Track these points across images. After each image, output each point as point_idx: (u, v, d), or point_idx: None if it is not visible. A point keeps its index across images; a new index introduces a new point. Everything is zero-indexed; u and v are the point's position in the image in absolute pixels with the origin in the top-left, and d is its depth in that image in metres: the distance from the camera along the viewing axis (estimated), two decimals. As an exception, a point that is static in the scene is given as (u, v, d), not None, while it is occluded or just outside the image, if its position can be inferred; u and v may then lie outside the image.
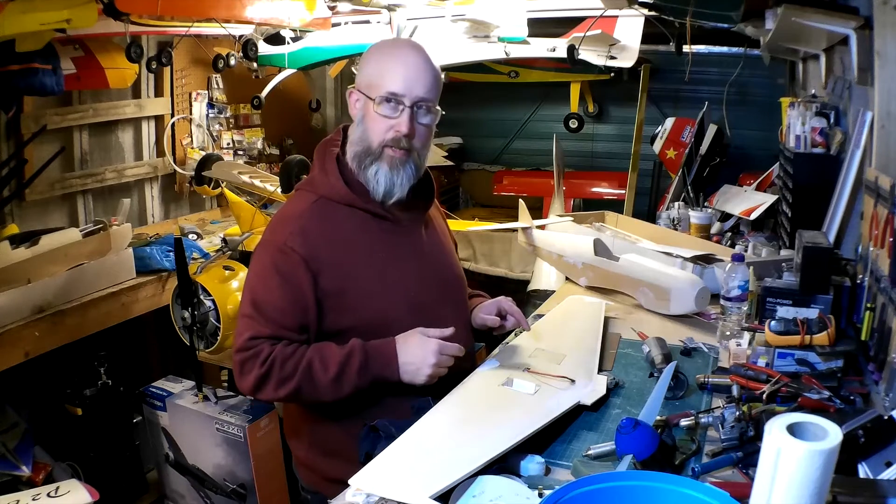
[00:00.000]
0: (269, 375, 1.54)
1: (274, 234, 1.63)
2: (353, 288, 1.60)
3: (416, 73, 1.58)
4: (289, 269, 1.57)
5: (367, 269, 1.62)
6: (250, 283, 1.64)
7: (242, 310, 1.62)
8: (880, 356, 1.56)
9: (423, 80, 1.59)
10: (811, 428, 0.84)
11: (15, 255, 2.65)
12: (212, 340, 2.62)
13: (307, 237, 1.58)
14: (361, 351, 1.55)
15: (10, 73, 2.82)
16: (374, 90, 1.58)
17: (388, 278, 1.64)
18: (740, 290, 1.95)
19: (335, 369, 1.54)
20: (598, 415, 1.53)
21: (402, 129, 1.57)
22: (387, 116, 1.58)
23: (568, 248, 2.58)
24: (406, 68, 1.58)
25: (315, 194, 1.65)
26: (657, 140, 3.96)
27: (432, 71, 1.62)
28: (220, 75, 4.33)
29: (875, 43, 1.89)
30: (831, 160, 2.37)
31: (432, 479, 1.20)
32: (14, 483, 2.49)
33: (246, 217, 3.25)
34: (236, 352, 1.58)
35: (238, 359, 1.57)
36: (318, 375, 1.54)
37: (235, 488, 2.70)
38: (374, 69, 1.61)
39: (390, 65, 1.59)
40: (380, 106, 1.57)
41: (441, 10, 3.80)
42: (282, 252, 1.57)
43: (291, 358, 1.55)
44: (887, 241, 1.57)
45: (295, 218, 1.63)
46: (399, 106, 1.58)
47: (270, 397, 1.59)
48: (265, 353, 1.54)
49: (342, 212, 1.63)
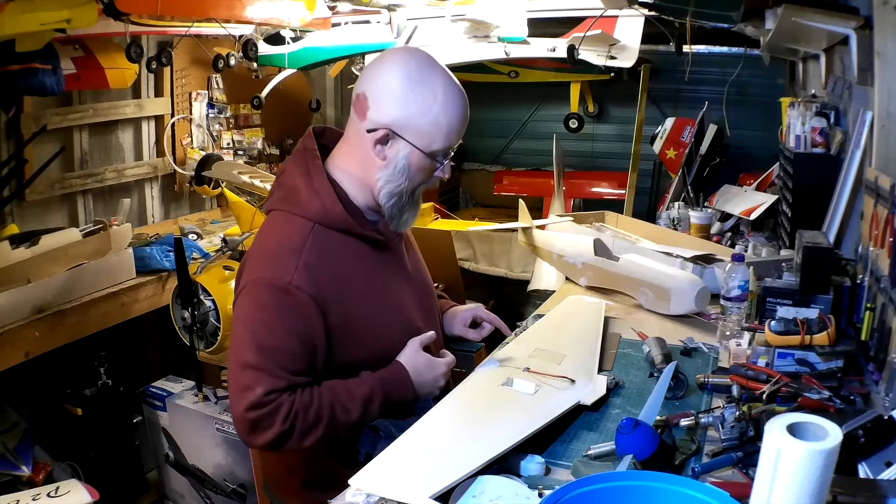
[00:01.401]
0: (292, 431, 1.42)
1: (271, 270, 1.45)
2: (356, 320, 1.52)
3: (465, 123, 1.52)
4: (296, 310, 1.43)
5: (368, 300, 1.55)
6: (249, 326, 1.45)
7: (242, 357, 1.43)
8: (880, 356, 1.56)
9: (466, 125, 1.53)
10: (811, 428, 0.84)
11: (15, 255, 2.65)
12: (212, 340, 2.62)
13: (311, 273, 1.45)
14: (380, 388, 1.50)
15: (10, 73, 2.82)
16: (430, 143, 1.47)
17: (386, 306, 1.59)
18: (740, 290, 1.94)
19: (358, 412, 1.48)
20: (598, 415, 1.53)
21: (447, 177, 1.57)
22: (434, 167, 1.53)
23: (568, 248, 2.58)
24: (463, 120, 1.51)
25: (308, 220, 1.50)
26: (657, 140, 3.96)
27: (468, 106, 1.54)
28: (220, 75, 4.32)
29: (875, 43, 1.89)
30: (831, 160, 2.37)
31: (432, 479, 1.20)
32: (14, 483, 2.49)
33: (246, 217, 3.24)
34: (248, 409, 1.40)
35: (251, 417, 1.40)
36: (341, 420, 1.46)
37: (235, 488, 2.70)
38: (430, 121, 1.46)
39: (450, 120, 1.48)
40: (437, 162, 1.52)
41: (441, 10, 3.80)
42: (286, 292, 1.43)
43: (311, 407, 1.43)
44: (887, 241, 1.57)
45: (294, 252, 1.46)
46: (449, 156, 1.54)
47: (294, 447, 1.46)
48: (286, 409, 1.41)
49: (340, 240, 1.51)
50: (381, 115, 1.46)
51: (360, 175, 1.53)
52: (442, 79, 1.48)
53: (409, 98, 1.45)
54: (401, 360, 1.56)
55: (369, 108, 1.47)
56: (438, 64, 1.51)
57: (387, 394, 1.52)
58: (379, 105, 1.46)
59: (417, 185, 1.54)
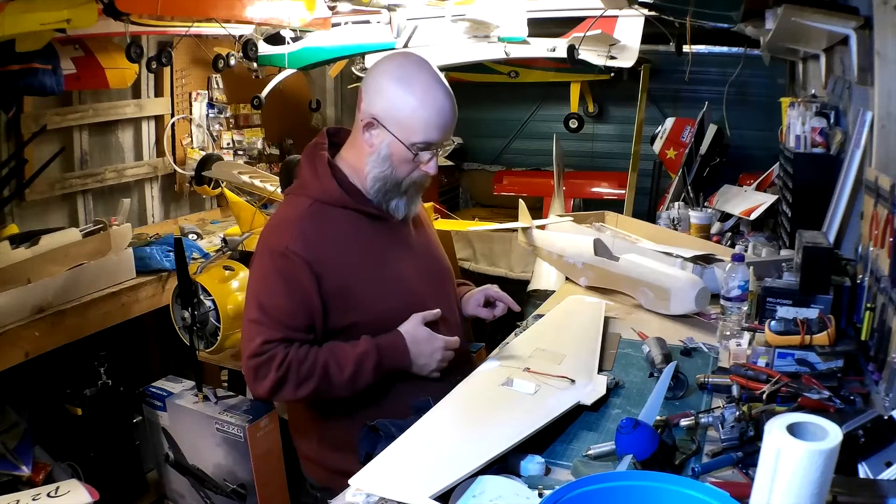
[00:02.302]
0: (286, 379, 1.57)
1: (273, 239, 1.65)
2: (354, 286, 1.64)
3: (450, 119, 1.62)
4: (292, 272, 1.59)
5: (367, 267, 1.66)
6: (254, 289, 1.65)
7: (248, 315, 1.64)
8: (880, 356, 1.56)
9: (453, 124, 1.64)
10: (811, 428, 0.84)
11: (15, 255, 2.65)
12: (212, 340, 2.62)
13: (307, 240, 1.61)
14: (375, 350, 1.61)
15: (10, 73, 2.82)
16: (409, 136, 1.59)
17: (386, 274, 1.69)
18: (740, 290, 1.94)
19: (351, 369, 1.59)
20: (598, 415, 1.53)
21: (432, 172, 1.66)
22: (418, 160, 1.63)
23: (568, 248, 2.58)
24: (442, 118, 1.60)
25: (308, 198, 1.67)
26: (657, 140, 3.96)
27: (456, 109, 1.64)
28: (220, 75, 4.32)
29: (875, 43, 1.89)
30: (831, 160, 2.37)
31: (432, 479, 1.20)
32: (14, 483, 2.49)
33: (246, 217, 3.25)
34: (249, 357, 1.59)
35: (252, 364, 1.59)
36: (335, 376, 1.59)
37: (235, 488, 2.70)
38: (408, 114, 1.59)
39: (427, 115, 1.59)
40: (415, 154, 1.62)
41: (441, 10, 3.80)
42: (284, 256, 1.59)
43: (306, 360, 1.58)
44: (887, 241, 1.58)
45: (292, 222, 1.65)
46: (431, 151, 1.63)
47: (289, 398, 1.62)
48: (280, 357, 1.57)
49: (337, 213, 1.66)
50: (369, 107, 1.61)
51: (356, 162, 1.68)
52: (426, 77, 1.61)
53: (392, 92, 1.59)
54: (400, 330, 1.66)
55: (362, 100, 1.64)
56: (427, 65, 1.63)
57: (381, 356, 1.62)
58: (369, 98, 1.62)
59: (403, 178, 1.65)
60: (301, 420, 1.83)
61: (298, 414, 1.85)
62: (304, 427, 1.82)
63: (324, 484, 1.77)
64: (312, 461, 1.81)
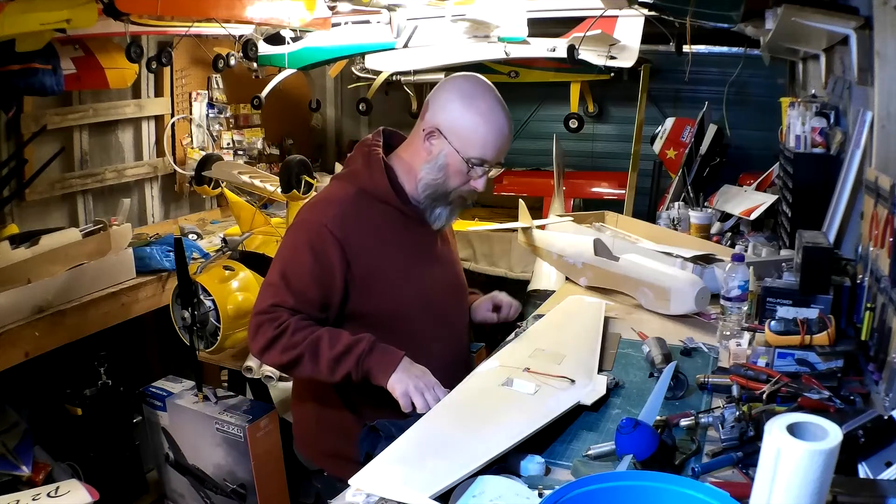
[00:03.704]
0: (278, 339, 1.62)
1: (312, 215, 1.72)
2: (379, 277, 1.70)
3: (506, 141, 1.71)
4: (323, 247, 1.65)
5: (394, 262, 1.73)
6: (281, 256, 1.73)
7: (268, 279, 1.71)
8: (880, 356, 1.56)
9: (507, 146, 1.72)
10: (811, 428, 0.84)
11: (15, 255, 2.66)
12: (212, 340, 2.62)
13: (346, 223, 1.68)
14: (369, 344, 1.62)
15: (10, 73, 2.82)
16: (467, 149, 1.67)
17: (410, 273, 1.74)
18: (740, 290, 1.94)
19: (340, 349, 1.60)
20: (598, 415, 1.53)
21: (480, 189, 1.73)
22: (470, 175, 1.71)
23: (568, 248, 2.58)
24: (500, 138, 1.69)
25: (356, 186, 1.74)
26: (657, 140, 3.96)
27: (512, 134, 1.73)
28: (220, 75, 4.32)
29: (875, 43, 1.89)
30: (831, 160, 2.37)
31: (432, 479, 1.20)
32: (14, 483, 2.49)
33: (246, 217, 3.25)
34: (255, 314, 1.66)
35: (255, 321, 1.65)
36: (323, 350, 1.61)
37: (235, 488, 2.70)
38: (470, 128, 1.67)
39: (489, 131, 1.68)
40: (471, 168, 1.69)
41: (441, 10, 3.80)
42: (319, 232, 1.66)
43: (304, 330, 1.62)
44: (887, 241, 1.57)
45: (337, 203, 1.72)
46: (483, 168, 1.70)
47: (274, 361, 1.67)
48: (281, 319, 1.62)
49: (378, 207, 1.73)
50: (434, 118, 1.71)
51: (410, 164, 1.76)
52: (490, 99, 1.70)
53: (459, 107, 1.69)
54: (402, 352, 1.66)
55: (428, 111, 1.73)
56: (492, 89, 1.73)
57: (373, 350, 1.62)
58: (435, 110, 1.72)
59: (452, 188, 1.73)
60: (301, 398, 1.89)
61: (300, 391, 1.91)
62: (304, 408, 1.88)
63: (317, 466, 1.85)
64: (305, 441, 1.88)
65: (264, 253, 2.82)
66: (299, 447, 1.94)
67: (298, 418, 1.94)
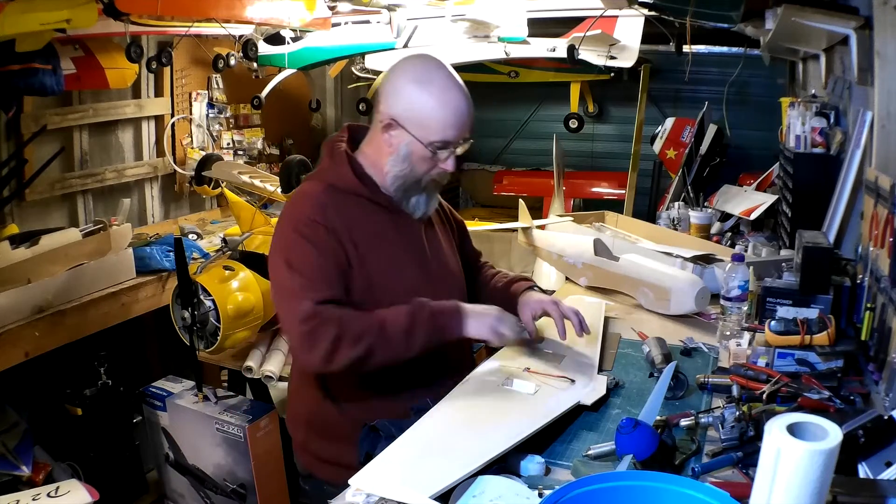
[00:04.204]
0: (342, 337, 1.52)
1: (294, 214, 1.66)
2: (365, 265, 1.65)
3: (467, 117, 1.64)
4: (318, 237, 1.60)
5: (377, 251, 1.67)
6: (284, 260, 1.61)
7: (288, 289, 1.59)
8: (880, 356, 1.56)
9: (470, 122, 1.65)
10: (811, 428, 0.84)
11: (15, 255, 2.65)
12: (212, 340, 2.62)
13: (327, 212, 1.63)
14: (425, 304, 1.59)
15: (10, 73, 2.82)
16: (427, 135, 1.61)
17: (395, 261, 1.69)
18: (740, 290, 1.94)
19: (405, 320, 1.56)
20: (598, 415, 1.53)
21: (450, 169, 1.66)
22: (436, 159, 1.65)
23: (568, 248, 2.58)
24: (459, 116, 1.62)
25: (324, 182, 1.70)
26: (657, 140, 3.96)
27: (472, 108, 1.65)
28: (220, 75, 4.32)
29: (875, 43, 1.89)
30: (831, 160, 2.37)
31: (432, 479, 1.20)
32: (14, 483, 2.49)
33: (246, 217, 3.24)
34: (301, 322, 1.52)
35: (304, 330, 1.52)
36: (391, 330, 1.55)
37: (235, 488, 2.70)
38: (427, 113, 1.60)
39: (444, 112, 1.61)
40: (433, 153, 1.63)
41: (441, 10, 3.80)
42: (308, 225, 1.61)
43: (359, 317, 1.55)
44: (887, 241, 1.58)
45: (312, 196, 1.67)
46: (448, 149, 1.64)
47: (344, 360, 1.54)
48: (336, 315, 1.53)
49: (351, 199, 1.68)
50: (389, 108, 1.64)
51: (376, 159, 1.71)
52: (442, 77, 1.63)
53: (410, 92, 1.61)
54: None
55: (381, 102, 1.66)
56: (444, 66, 1.66)
57: (434, 309, 1.59)
58: (387, 99, 1.65)
59: (422, 175, 1.67)
60: (296, 403, 1.85)
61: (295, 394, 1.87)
62: (296, 411, 1.84)
63: (308, 470, 1.80)
64: (301, 448, 1.83)
65: (264, 253, 2.82)
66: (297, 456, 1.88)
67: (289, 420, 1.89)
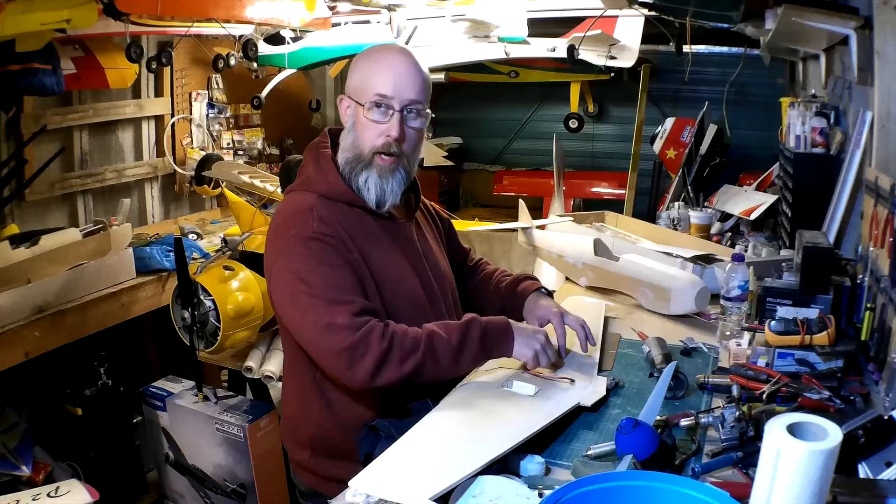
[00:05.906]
0: (390, 351, 1.45)
1: (292, 230, 1.57)
2: (372, 274, 1.61)
3: (405, 75, 1.59)
4: (330, 250, 1.54)
5: (375, 260, 1.63)
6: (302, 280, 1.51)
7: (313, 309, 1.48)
8: (880, 356, 1.56)
9: (412, 82, 1.59)
10: (811, 428, 0.84)
11: (15, 255, 2.65)
12: (212, 340, 2.62)
13: (327, 224, 1.58)
14: (477, 320, 1.57)
15: (10, 73, 2.82)
16: (364, 95, 1.59)
17: (393, 269, 1.66)
18: (740, 290, 1.94)
19: (457, 337, 1.53)
20: (598, 415, 1.53)
21: (393, 134, 1.58)
22: (377, 122, 1.59)
23: (568, 248, 2.58)
24: (393, 71, 1.59)
25: (314, 193, 1.64)
26: (657, 140, 3.96)
27: (421, 73, 1.62)
28: (220, 75, 4.33)
29: (875, 43, 1.89)
30: (831, 160, 2.37)
31: (432, 479, 1.20)
32: (14, 483, 2.49)
33: (246, 217, 3.25)
34: (342, 337, 1.44)
35: (347, 345, 1.43)
36: (441, 346, 1.50)
37: (235, 488, 2.70)
38: (363, 74, 1.61)
39: (377, 68, 1.60)
40: (370, 111, 1.59)
41: (441, 10, 3.80)
42: (315, 240, 1.54)
43: (408, 332, 1.49)
44: (887, 241, 1.57)
45: (306, 210, 1.59)
46: (389, 110, 1.59)
47: (392, 377, 1.46)
48: (380, 328, 1.46)
49: (343, 209, 1.64)
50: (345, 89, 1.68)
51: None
52: (387, 48, 1.68)
53: (355, 64, 1.66)
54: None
55: None
56: (397, 45, 1.72)
57: (486, 326, 1.57)
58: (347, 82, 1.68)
59: (368, 147, 1.61)
60: (294, 426, 1.77)
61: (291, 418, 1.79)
62: (296, 433, 1.76)
63: (314, 489, 1.73)
64: (304, 468, 1.75)
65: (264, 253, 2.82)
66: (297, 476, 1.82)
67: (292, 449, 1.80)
